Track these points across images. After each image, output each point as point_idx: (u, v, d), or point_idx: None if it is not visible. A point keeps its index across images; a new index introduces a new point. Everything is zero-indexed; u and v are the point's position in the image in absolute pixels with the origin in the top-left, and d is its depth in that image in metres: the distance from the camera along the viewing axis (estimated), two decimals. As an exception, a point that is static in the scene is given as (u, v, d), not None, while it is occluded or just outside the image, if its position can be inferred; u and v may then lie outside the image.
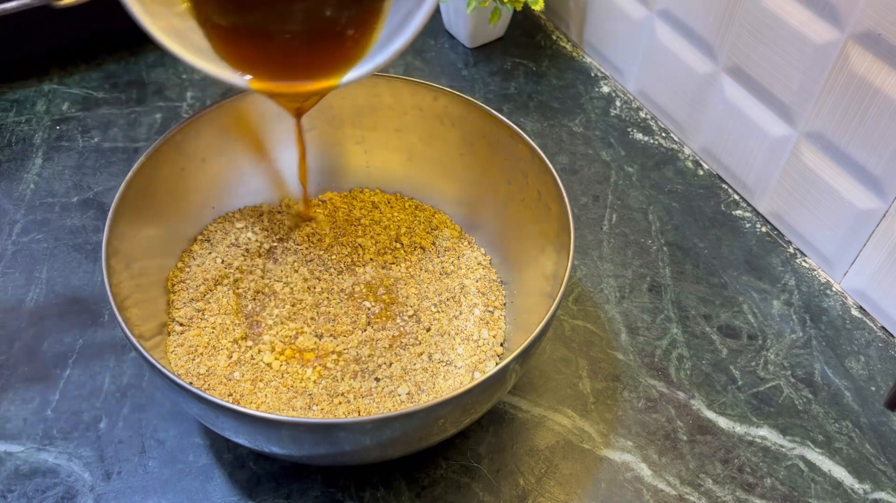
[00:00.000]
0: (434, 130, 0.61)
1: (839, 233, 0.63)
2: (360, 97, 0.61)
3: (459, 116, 0.59)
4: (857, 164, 0.60)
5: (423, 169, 0.63)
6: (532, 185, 0.56)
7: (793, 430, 0.56)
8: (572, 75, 0.83)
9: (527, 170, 0.56)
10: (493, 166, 0.59)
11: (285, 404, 0.51)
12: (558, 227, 0.52)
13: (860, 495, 0.53)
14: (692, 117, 0.74)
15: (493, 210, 0.61)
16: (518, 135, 0.55)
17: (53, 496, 0.51)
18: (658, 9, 0.73)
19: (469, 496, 0.52)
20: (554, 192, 0.52)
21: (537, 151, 0.54)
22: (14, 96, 0.76)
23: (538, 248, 0.56)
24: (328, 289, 0.58)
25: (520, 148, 0.56)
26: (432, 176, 0.63)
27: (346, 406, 0.52)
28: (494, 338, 0.56)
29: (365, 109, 0.61)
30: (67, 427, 0.54)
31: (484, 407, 0.48)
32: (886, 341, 0.62)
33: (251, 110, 0.59)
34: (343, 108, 0.61)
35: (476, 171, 0.61)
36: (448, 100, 0.59)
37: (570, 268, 0.48)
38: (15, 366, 0.57)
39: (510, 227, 0.59)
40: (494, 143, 0.58)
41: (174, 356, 0.53)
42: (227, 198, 0.61)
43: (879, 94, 0.56)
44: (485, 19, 0.82)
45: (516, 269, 0.59)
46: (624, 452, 0.55)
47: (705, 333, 0.62)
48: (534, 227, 0.56)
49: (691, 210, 0.71)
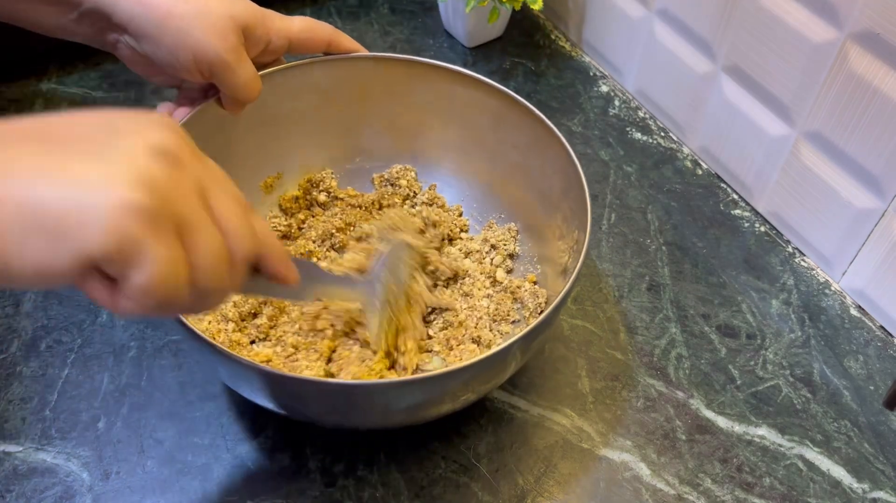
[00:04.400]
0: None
1: (838, 232, 0.63)
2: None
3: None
4: (855, 163, 0.60)
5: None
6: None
7: (791, 430, 0.56)
8: (571, 75, 0.83)
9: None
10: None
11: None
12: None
13: (859, 494, 0.53)
14: (691, 117, 0.74)
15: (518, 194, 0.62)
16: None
17: (52, 496, 0.50)
18: (657, 8, 0.73)
19: (468, 495, 0.52)
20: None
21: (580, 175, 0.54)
22: (12, 96, 0.76)
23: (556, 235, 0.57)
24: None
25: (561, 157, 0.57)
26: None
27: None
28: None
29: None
30: (66, 427, 0.54)
31: (486, 385, 0.49)
32: (885, 340, 0.62)
33: (250, 109, 0.59)
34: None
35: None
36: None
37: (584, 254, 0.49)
38: (13, 365, 0.57)
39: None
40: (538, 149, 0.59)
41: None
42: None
43: (878, 93, 0.56)
44: (483, 19, 0.82)
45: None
46: (623, 452, 0.55)
47: (704, 333, 0.62)
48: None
49: (690, 209, 0.71)
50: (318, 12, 0.88)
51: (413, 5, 0.90)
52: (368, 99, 0.62)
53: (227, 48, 0.50)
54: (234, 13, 0.51)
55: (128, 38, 0.51)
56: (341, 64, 0.60)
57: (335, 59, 0.60)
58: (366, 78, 0.61)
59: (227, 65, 0.51)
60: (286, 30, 0.55)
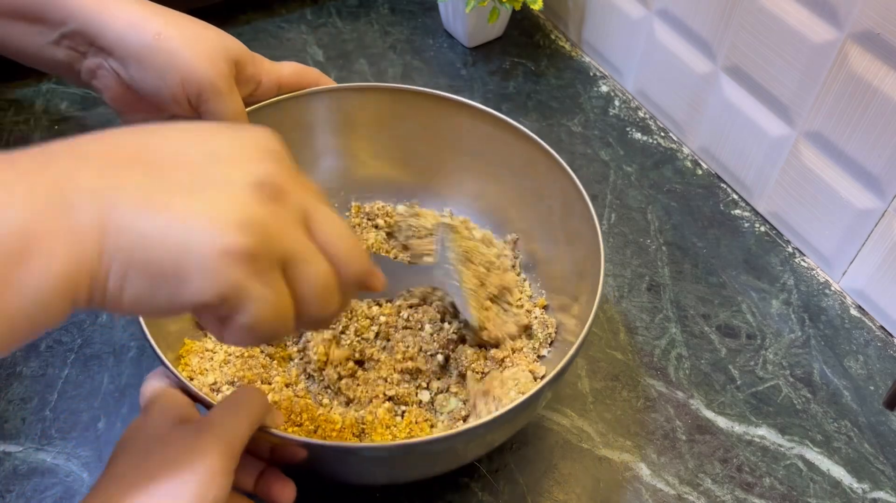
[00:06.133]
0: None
1: (838, 232, 0.63)
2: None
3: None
4: (855, 163, 0.60)
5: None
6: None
7: (791, 430, 0.56)
8: (571, 75, 0.83)
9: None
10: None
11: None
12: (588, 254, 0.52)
13: (859, 494, 0.53)
14: (691, 117, 0.74)
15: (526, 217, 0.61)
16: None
17: (52, 496, 0.50)
18: (657, 8, 0.73)
19: (468, 496, 0.52)
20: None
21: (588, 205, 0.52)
22: (12, 96, 0.76)
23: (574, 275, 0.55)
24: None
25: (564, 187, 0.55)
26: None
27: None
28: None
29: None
30: (66, 427, 0.54)
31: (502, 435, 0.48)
32: (885, 340, 0.62)
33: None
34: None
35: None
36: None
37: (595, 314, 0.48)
38: (13, 365, 0.57)
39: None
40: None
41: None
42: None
43: (878, 93, 0.56)
44: (483, 19, 0.82)
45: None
46: (623, 452, 0.55)
47: (704, 333, 0.62)
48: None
49: (690, 209, 0.71)
50: (318, 12, 0.88)
51: (413, 5, 0.90)
52: (357, 128, 0.61)
53: (218, 74, 0.48)
54: (228, 46, 0.49)
55: (112, 62, 0.49)
56: (324, 96, 0.58)
57: (312, 92, 0.58)
58: (351, 107, 0.60)
59: (218, 91, 0.48)
60: (276, 73, 0.54)
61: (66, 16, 0.47)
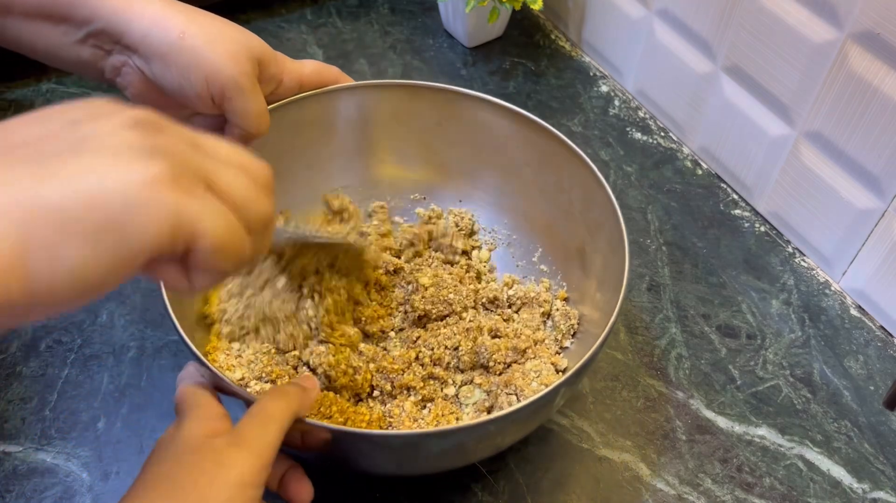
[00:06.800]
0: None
1: (838, 232, 0.63)
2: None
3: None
4: (855, 163, 0.60)
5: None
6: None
7: (791, 430, 0.56)
8: (571, 75, 0.83)
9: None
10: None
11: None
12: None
13: (859, 494, 0.53)
14: (691, 117, 0.74)
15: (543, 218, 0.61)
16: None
17: (51, 496, 0.50)
18: (657, 8, 0.73)
19: (468, 496, 0.52)
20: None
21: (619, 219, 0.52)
22: (12, 96, 0.76)
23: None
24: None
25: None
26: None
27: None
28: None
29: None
30: (66, 427, 0.54)
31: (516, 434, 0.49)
32: (885, 340, 0.62)
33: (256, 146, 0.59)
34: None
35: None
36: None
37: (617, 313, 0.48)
38: (13, 365, 0.57)
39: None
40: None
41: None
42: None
43: (878, 93, 0.56)
44: (483, 19, 0.82)
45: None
46: (623, 452, 0.54)
47: (704, 333, 0.62)
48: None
49: (690, 209, 0.71)
50: (318, 12, 0.88)
51: (413, 5, 0.90)
52: (374, 126, 0.61)
53: (241, 72, 0.49)
54: (251, 44, 0.50)
55: (136, 60, 0.49)
56: (344, 93, 0.59)
57: (333, 89, 0.58)
58: (371, 104, 0.60)
59: (241, 89, 0.49)
60: (297, 72, 0.55)
61: (92, 15, 0.47)
